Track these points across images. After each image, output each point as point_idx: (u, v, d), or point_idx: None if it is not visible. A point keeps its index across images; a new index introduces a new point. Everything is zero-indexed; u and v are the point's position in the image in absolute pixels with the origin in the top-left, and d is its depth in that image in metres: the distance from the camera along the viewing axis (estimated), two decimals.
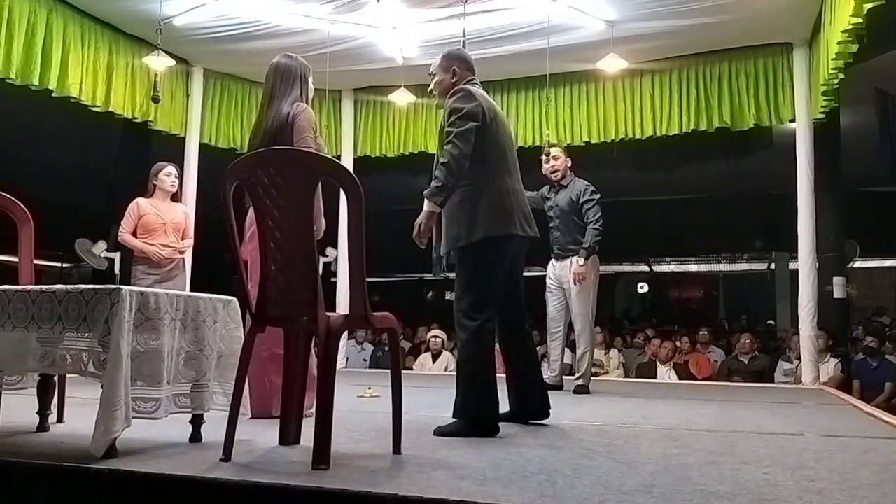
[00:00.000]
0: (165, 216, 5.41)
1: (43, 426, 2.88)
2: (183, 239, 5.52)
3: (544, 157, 5.48)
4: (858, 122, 8.03)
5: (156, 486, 2.06)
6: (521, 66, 7.31)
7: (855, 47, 4.98)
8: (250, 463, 2.32)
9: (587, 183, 5.37)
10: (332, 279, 8.21)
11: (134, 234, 5.35)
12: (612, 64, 6.58)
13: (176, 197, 5.54)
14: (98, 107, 6.58)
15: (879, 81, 7.65)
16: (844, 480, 2.23)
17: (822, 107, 6.27)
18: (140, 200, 5.40)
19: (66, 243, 8.08)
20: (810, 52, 6.64)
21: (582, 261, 5.15)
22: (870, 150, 8.18)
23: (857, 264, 12.54)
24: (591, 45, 6.65)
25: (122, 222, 5.36)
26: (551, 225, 5.34)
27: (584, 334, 5.26)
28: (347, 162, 8.05)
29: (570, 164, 5.47)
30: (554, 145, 5.77)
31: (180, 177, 5.66)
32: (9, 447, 2.54)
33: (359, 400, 4.41)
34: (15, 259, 3.21)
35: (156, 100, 6.38)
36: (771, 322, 15.70)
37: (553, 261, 5.40)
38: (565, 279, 5.28)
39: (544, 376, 4.81)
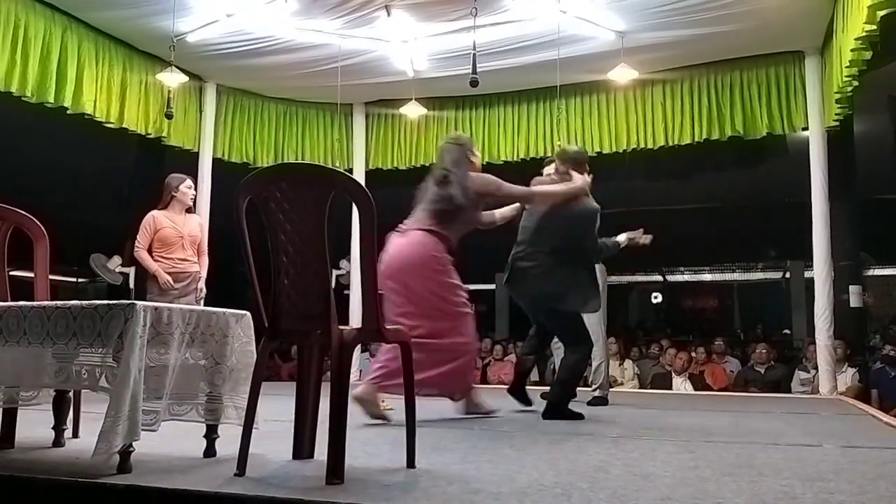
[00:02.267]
0: (182, 229, 5.37)
1: (58, 441, 2.89)
2: (199, 254, 5.51)
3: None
4: (872, 130, 7.98)
5: (172, 501, 2.06)
6: (531, 78, 7.32)
7: (869, 54, 4.96)
8: (264, 477, 2.32)
9: None
10: (345, 292, 8.22)
11: (150, 249, 5.33)
12: (622, 74, 6.58)
13: (190, 209, 5.54)
14: (112, 123, 6.65)
15: (893, 88, 7.60)
16: (864, 493, 2.19)
17: (836, 114, 6.24)
18: (156, 213, 5.34)
19: (81, 258, 8.14)
20: (822, 60, 6.61)
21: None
22: (884, 157, 8.12)
23: (874, 272, 12.45)
24: (602, 56, 6.66)
25: (137, 237, 5.30)
26: None
27: (597, 346, 5.21)
28: (359, 175, 8.08)
29: None
30: (551, 161, 5.75)
31: (195, 190, 5.69)
32: (25, 462, 2.55)
33: None
34: (31, 275, 3.24)
35: (169, 116, 6.44)
36: (787, 331, 15.59)
37: None
38: None
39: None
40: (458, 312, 4.04)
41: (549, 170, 5.47)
